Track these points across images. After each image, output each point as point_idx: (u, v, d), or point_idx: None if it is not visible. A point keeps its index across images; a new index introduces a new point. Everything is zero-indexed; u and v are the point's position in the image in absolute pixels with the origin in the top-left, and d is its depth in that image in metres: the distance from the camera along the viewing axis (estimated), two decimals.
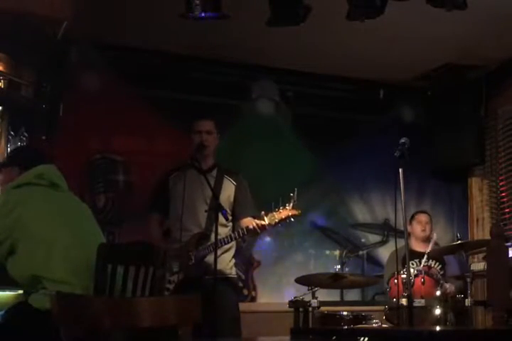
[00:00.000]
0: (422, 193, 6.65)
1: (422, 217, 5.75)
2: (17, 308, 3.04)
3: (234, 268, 4.44)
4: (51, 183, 3.17)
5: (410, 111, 6.53)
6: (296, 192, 4.17)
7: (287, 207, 4.13)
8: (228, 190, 4.40)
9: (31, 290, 2.97)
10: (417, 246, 5.69)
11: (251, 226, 4.09)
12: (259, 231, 4.12)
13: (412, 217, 5.72)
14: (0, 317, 3.02)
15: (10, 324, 2.96)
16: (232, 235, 4.18)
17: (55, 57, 4.87)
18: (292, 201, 4.15)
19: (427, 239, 5.75)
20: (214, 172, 4.42)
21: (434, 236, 5.52)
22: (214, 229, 3.88)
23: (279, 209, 4.14)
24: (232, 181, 4.46)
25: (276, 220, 4.11)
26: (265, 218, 4.13)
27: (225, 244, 4.19)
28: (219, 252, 4.07)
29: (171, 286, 4.21)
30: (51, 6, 4.06)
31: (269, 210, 4.14)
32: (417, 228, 5.72)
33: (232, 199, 4.40)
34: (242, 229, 4.17)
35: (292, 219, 4.17)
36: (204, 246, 4.22)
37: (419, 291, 4.62)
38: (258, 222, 4.08)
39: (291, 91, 6.37)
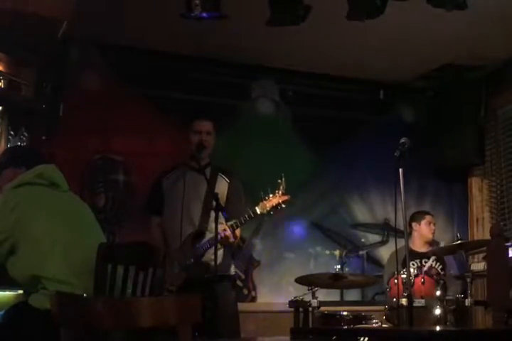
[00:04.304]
0: (422, 193, 6.65)
1: (431, 218, 5.74)
2: (17, 308, 3.04)
3: (231, 267, 4.44)
4: (51, 183, 3.16)
5: (410, 111, 6.54)
6: (283, 178, 4.19)
7: (277, 194, 4.17)
8: (221, 188, 4.42)
9: (31, 290, 2.97)
10: (418, 247, 5.69)
11: (218, 238, 4.09)
12: (230, 240, 4.16)
13: (421, 218, 5.69)
14: (0, 317, 3.02)
15: (10, 324, 2.96)
16: (211, 241, 4.14)
17: (55, 57, 4.86)
18: (281, 187, 4.17)
19: (430, 241, 5.75)
20: (208, 170, 4.42)
21: (442, 244, 5.54)
22: (214, 229, 3.89)
23: (268, 197, 4.17)
24: (225, 178, 4.48)
25: (268, 209, 4.15)
26: (256, 208, 4.15)
27: (210, 247, 4.17)
28: (212, 250, 4.09)
29: (173, 288, 4.20)
30: (51, 6, 4.06)
31: (259, 200, 4.16)
32: (427, 229, 5.69)
33: (224, 196, 4.41)
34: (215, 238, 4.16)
35: (283, 206, 4.18)
36: (199, 244, 4.23)
37: (419, 291, 4.62)
38: (222, 233, 4.10)
39: (291, 91, 6.37)
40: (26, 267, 2.97)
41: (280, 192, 4.18)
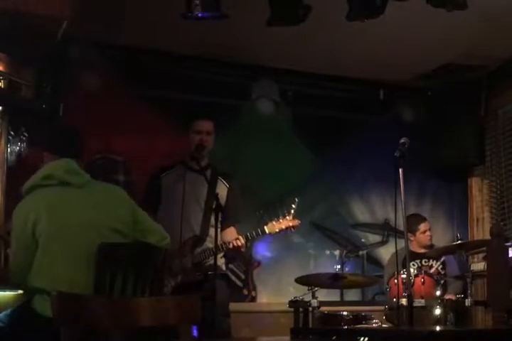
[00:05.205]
0: (422, 193, 6.65)
1: (426, 226, 5.73)
2: (20, 311, 3.03)
3: (224, 265, 4.45)
4: (61, 182, 3.11)
5: (410, 111, 6.53)
6: (296, 202, 4.31)
7: (287, 218, 4.28)
8: (221, 193, 4.40)
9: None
10: (417, 249, 5.70)
11: (231, 246, 4.20)
12: (240, 249, 4.26)
13: (415, 229, 5.68)
14: (3, 318, 3.02)
15: (12, 327, 2.96)
16: (214, 250, 4.15)
17: (55, 57, 4.86)
18: (292, 211, 4.28)
19: (429, 246, 5.75)
20: (208, 173, 4.41)
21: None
22: (215, 229, 3.90)
23: (278, 218, 4.27)
24: (225, 183, 4.48)
25: (277, 230, 4.27)
26: (265, 228, 4.26)
27: (209, 256, 4.19)
28: (204, 247, 4.22)
29: (166, 290, 4.19)
30: (51, 6, 4.06)
31: (268, 219, 4.30)
32: (423, 237, 5.70)
33: (223, 202, 4.39)
34: (225, 244, 4.22)
35: (292, 230, 4.31)
36: (199, 251, 4.25)
37: (419, 291, 4.63)
38: (235, 242, 4.19)
39: (291, 91, 6.37)
40: (32, 277, 2.98)
41: (291, 216, 4.28)
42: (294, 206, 4.30)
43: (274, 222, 4.26)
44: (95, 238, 2.99)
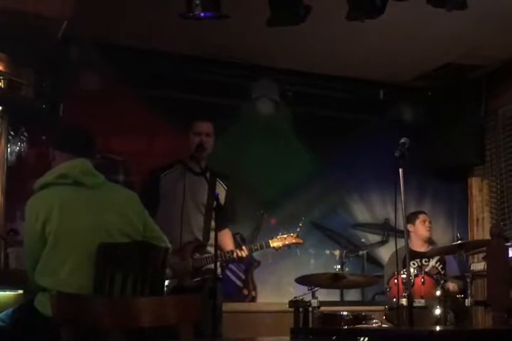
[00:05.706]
0: (422, 193, 6.65)
1: (425, 217, 5.76)
2: (22, 311, 3.03)
3: (220, 269, 4.46)
4: (75, 181, 3.10)
5: (410, 111, 6.53)
6: (302, 221, 4.52)
7: (292, 235, 4.43)
8: (220, 195, 4.39)
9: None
10: (418, 247, 5.69)
11: (234, 255, 4.29)
12: (244, 259, 4.43)
13: (415, 217, 5.71)
14: (4, 317, 3.02)
15: (15, 327, 2.96)
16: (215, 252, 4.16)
17: (55, 57, 4.86)
18: (298, 229, 4.44)
19: (428, 239, 5.76)
20: (207, 175, 4.40)
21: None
22: (215, 231, 3.90)
23: (283, 234, 4.42)
24: (223, 186, 4.47)
25: (280, 245, 4.42)
26: (269, 242, 4.39)
27: (211, 262, 4.19)
28: (206, 254, 4.25)
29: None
30: (51, 6, 4.06)
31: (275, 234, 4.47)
32: (422, 228, 5.71)
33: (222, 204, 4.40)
34: (225, 255, 4.29)
35: (297, 249, 4.57)
36: (200, 258, 4.24)
37: (419, 291, 4.62)
38: (240, 253, 4.30)
39: (291, 91, 6.36)
40: (39, 276, 2.98)
41: (296, 234, 4.43)
42: (300, 224, 4.45)
43: (279, 238, 4.40)
44: (105, 240, 2.98)
